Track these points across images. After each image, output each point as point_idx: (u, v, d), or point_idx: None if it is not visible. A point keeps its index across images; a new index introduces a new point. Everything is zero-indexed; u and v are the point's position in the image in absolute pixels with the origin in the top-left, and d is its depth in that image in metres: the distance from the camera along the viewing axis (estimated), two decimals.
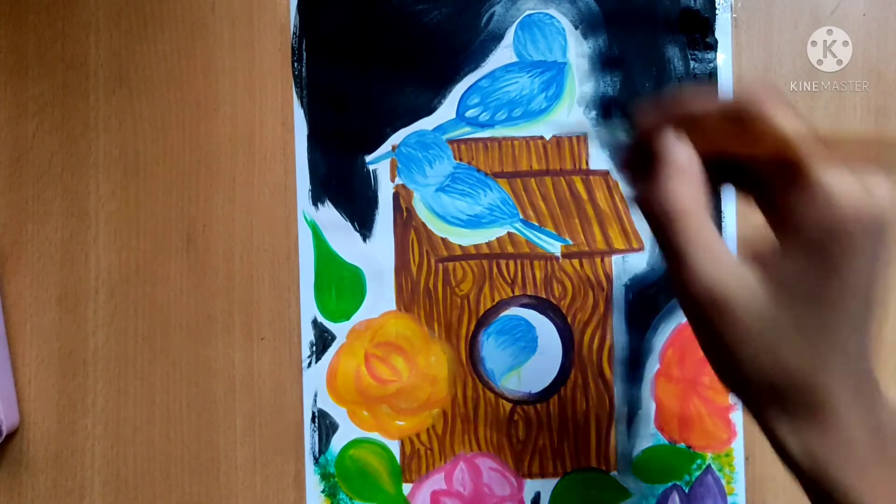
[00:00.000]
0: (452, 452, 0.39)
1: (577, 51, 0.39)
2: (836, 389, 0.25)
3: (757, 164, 0.26)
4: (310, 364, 0.40)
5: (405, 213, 0.40)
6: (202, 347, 0.40)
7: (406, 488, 0.39)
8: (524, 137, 0.39)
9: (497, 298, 0.39)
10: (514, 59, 0.39)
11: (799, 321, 0.25)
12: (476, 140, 0.39)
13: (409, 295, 0.40)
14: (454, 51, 0.39)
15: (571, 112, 0.39)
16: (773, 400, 0.26)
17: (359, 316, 0.40)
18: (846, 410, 0.25)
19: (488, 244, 0.39)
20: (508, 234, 0.39)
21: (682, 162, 0.26)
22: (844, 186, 0.24)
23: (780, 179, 0.25)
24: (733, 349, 0.27)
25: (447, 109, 0.39)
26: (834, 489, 0.24)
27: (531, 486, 0.39)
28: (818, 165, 0.24)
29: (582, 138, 0.39)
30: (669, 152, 0.26)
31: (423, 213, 0.39)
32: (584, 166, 0.39)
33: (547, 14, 0.39)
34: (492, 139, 0.39)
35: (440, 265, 0.39)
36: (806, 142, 0.24)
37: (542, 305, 0.39)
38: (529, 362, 0.39)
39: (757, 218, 0.40)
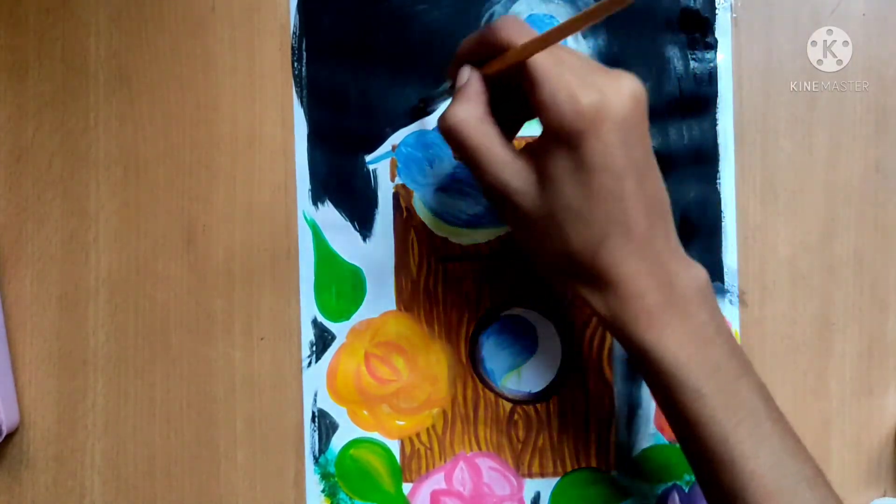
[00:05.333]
0: (452, 452, 0.40)
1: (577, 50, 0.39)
2: (619, 264, 0.29)
3: (516, 79, 0.29)
4: (310, 364, 0.40)
5: (405, 213, 0.40)
6: (202, 347, 0.40)
7: (406, 488, 0.39)
8: (524, 137, 0.39)
9: (497, 298, 0.39)
10: None
11: (570, 205, 0.29)
12: None
13: (409, 295, 0.40)
14: (454, 51, 0.39)
15: None
16: (573, 274, 0.30)
17: (359, 315, 0.40)
18: (632, 278, 0.29)
19: (488, 244, 0.39)
20: (509, 233, 0.39)
21: (464, 85, 0.30)
22: (564, 87, 0.27)
23: (527, 84, 0.29)
24: (526, 233, 0.31)
25: None
26: (629, 335, 0.29)
27: (531, 486, 0.39)
28: (543, 69, 0.28)
29: None
30: (458, 80, 0.31)
31: (423, 212, 0.39)
32: None
33: (547, 14, 0.39)
34: None
35: (440, 265, 0.39)
36: (529, 47, 0.28)
37: (543, 305, 0.39)
38: (529, 362, 0.39)
39: (757, 218, 0.40)
